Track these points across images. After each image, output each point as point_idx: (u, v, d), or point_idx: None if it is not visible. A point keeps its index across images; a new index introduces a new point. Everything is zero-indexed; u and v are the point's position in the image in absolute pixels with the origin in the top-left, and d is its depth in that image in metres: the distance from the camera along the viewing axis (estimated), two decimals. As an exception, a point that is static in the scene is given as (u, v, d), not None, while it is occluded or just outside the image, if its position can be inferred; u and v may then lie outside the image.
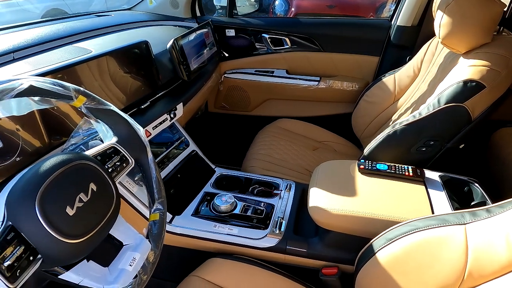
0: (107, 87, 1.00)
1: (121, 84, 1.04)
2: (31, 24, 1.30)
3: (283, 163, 1.46)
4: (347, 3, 4.65)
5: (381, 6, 4.48)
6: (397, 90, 1.48)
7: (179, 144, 1.25)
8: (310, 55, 1.77)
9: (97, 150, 0.65)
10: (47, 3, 5.26)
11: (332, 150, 1.67)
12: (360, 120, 1.62)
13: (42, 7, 5.15)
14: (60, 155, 0.57)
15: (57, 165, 0.54)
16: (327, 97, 1.82)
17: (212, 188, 1.19)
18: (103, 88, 0.98)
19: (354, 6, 4.59)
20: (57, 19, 1.42)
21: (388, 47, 1.67)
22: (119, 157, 0.68)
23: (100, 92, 0.97)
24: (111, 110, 0.68)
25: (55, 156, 0.57)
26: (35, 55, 1.03)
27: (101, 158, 0.65)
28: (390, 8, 4.28)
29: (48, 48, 1.10)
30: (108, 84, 1.00)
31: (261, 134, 1.66)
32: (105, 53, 1.01)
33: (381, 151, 1.15)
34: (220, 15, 1.88)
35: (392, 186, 0.98)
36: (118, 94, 1.03)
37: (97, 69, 0.97)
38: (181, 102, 1.26)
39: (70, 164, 0.56)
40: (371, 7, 4.55)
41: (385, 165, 1.03)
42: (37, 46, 1.08)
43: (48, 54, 1.05)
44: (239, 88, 1.89)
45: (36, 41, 1.08)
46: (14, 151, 0.72)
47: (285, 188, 1.19)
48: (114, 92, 1.02)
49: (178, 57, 1.25)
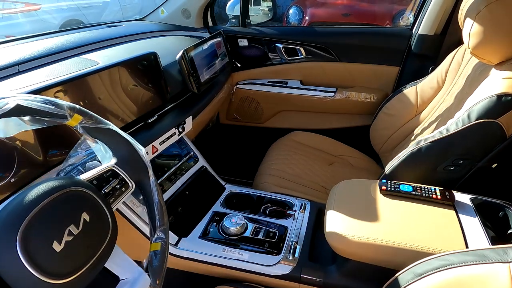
0: (113, 101, 0.95)
1: (128, 98, 0.99)
2: (39, 36, 1.28)
3: (297, 179, 1.38)
4: (363, 11, 4.57)
5: (398, 14, 4.39)
6: (419, 103, 1.39)
7: (187, 160, 1.19)
8: (326, 65, 1.70)
9: (93, 173, 0.59)
10: (66, 14, 5.37)
11: (348, 165, 1.58)
12: (378, 134, 1.53)
13: (60, 17, 5.27)
14: (50, 181, 0.51)
15: (44, 193, 0.48)
16: (344, 109, 1.74)
17: (222, 207, 1.12)
18: (108, 102, 0.93)
19: (370, 15, 4.51)
20: (67, 30, 1.40)
21: (409, 57, 1.58)
22: (118, 180, 0.62)
23: (105, 107, 0.92)
24: (110, 130, 0.62)
25: (45, 182, 0.51)
26: (41, 67, 1.00)
27: (97, 182, 0.59)
28: (407, 16, 4.19)
29: (54, 60, 1.06)
30: (114, 98, 0.95)
31: (274, 148, 1.60)
32: (111, 65, 0.96)
33: (404, 170, 1.06)
34: (233, 25, 1.84)
35: (418, 210, 0.89)
36: (124, 108, 0.98)
37: (102, 82, 0.92)
38: (190, 116, 1.21)
39: (59, 192, 0.50)
40: (388, 15, 4.46)
41: (410, 186, 0.95)
42: (44, 58, 1.04)
43: (54, 66, 1.01)
44: (252, 99, 1.83)
45: (43, 52, 1.05)
46: (9, 171, 0.67)
47: (300, 208, 1.12)
48: (120, 106, 0.97)
49: (188, 68, 1.19)
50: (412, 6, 3.80)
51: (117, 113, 0.95)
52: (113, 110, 0.94)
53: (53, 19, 5.17)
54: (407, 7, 4.50)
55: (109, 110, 0.93)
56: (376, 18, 4.47)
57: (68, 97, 0.83)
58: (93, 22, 1.64)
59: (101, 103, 0.91)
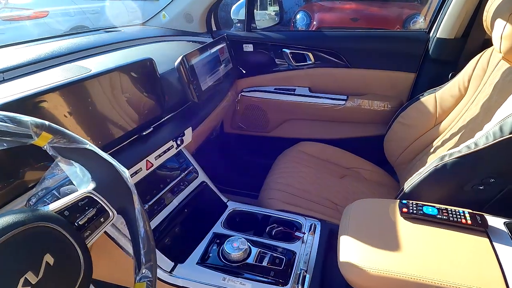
0: (103, 112, 0.86)
1: (121, 108, 0.90)
2: (31, 42, 1.21)
3: (306, 195, 1.28)
4: (372, 15, 4.47)
5: (409, 18, 4.27)
6: (438, 112, 1.28)
7: (186, 175, 1.10)
8: (336, 71, 1.60)
9: (64, 202, 0.49)
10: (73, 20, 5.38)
11: (361, 179, 1.47)
12: (394, 145, 1.42)
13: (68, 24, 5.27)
14: (7, 215, 0.42)
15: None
16: (355, 118, 1.64)
17: (223, 228, 1.02)
18: (97, 113, 0.84)
19: (380, 19, 4.40)
20: (61, 36, 1.33)
21: (426, 62, 1.47)
22: (96, 209, 0.53)
23: (94, 119, 0.83)
24: (86, 150, 0.53)
25: (0, 216, 0.42)
26: (28, 75, 0.92)
27: (70, 213, 0.50)
28: (419, 20, 4.07)
29: (43, 67, 0.98)
30: (104, 109, 0.86)
31: (280, 159, 1.50)
32: (102, 72, 0.87)
33: (426, 189, 0.95)
34: (238, 29, 1.75)
35: (445, 237, 0.77)
36: (117, 120, 0.89)
37: (92, 91, 0.84)
38: (190, 127, 1.11)
39: (16, 230, 0.41)
40: (398, 19, 4.35)
41: (434, 208, 0.83)
42: (32, 65, 0.97)
43: (41, 74, 0.94)
44: (257, 107, 1.74)
45: (32, 59, 0.98)
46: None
47: (309, 229, 1.01)
48: (111, 117, 0.88)
49: (187, 76, 1.10)
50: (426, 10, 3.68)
51: (108, 125, 0.87)
52: (103, 122, 0.85)
53: (60, 25, 5.17)
54: (418, 11, 4.38)
55: (99, 122, 0.84)
56: (386, 22, 4.35)
57: (50, 109, 0.74)
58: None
59: (90, 115, 0.82)
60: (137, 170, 0.91)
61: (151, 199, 0.95)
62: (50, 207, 0.48)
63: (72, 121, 0.77)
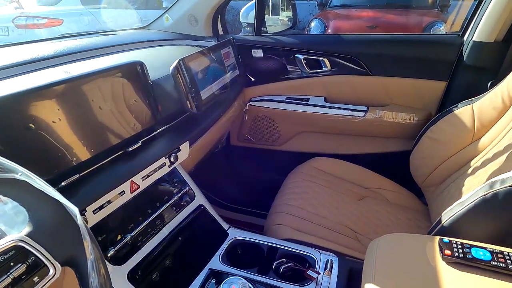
0: (79, 124, 0.72)
1: (102, 120, 0.76)
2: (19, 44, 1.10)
3: (320, 220, 1.11)
4: (390, 23, 4.29)
5: (429, 25, 4.08)
6: (476, 126, 1.10)
7: (180, 197, 0.94)
8: (355, 79, 1.44)
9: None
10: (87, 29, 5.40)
11: (383, 201, 1.29)
12: (421, 163, 1.24)
13: (81, 32, 5.28)
14: None
15: None
16: (376, 132, 1.46)
17: (222, 263, 0.86)
18: (72, 125, 0.70)
19: (398, 26, 4.21)
20: (52, 38, 1.22)
21: (459, 69, 1.29)
22: (27, 264, 0.37)
23: (67, 132, 0.69)
24: (18, 181, 0.38)
25: None
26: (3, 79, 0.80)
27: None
28: (439, 28, 3.88)
29: (24, 71, 0.86)
30: (81, 120, 0.72)
31: (292, 176, 1.34)
32: (79, 76, 0.74)
33: (471, 223, 0.77)
34: (247, 34, 1.61)
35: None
36: (96, 133, 0.75)
37: (66, 98, 0.70)
38: (187, 141, 0.97)
39: None
40: (417, 27, 4.15)
41: (486, 251, 0.66)
42: (13, 68, 0.85)
43: (18, 78, 0.81)
44: (267, 118, 1.59)
45: (14, 62, 0.86)
46: None
47: (325, 267, 0.84)
48: (89, 130, 0.73)
49: (185, 82, 0.96)
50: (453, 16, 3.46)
51: (85, 140, 0.72)
52: (79, 136, 0.71)
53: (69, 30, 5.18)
54: (438, 18, 4.18)
55: (73, 136, 0.70)
56: (405, 30, 4.16)
57: (11, 119, 0.61)
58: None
59: (62, 127, 0.68)
60: (120, 193, 0.77)
61: (135, 227, 0.80)
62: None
63: (38, 135, 0.64)
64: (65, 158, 0.68)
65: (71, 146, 0.69)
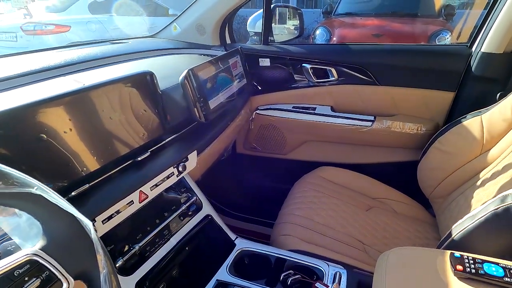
0: (90, 134, 0.72)
1: (111, 129, 0.77)
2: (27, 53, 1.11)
3: (327, 231, 1.10)
4: (395, 31, 4.29)
5: (434, 34, 4.08)
6: (486, 138, 1.09)
7: (188, 207, 0.94)
8: (362, 89, 1.43)
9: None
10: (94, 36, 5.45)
11: (391, 212, 1.28)
12: (430, 174, 1.23)
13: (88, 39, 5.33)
14: None
15: None
16: (383, 142, 1.46)
17: (229, 274, 0.85)
18: (83, 135, 0.71)
19: (403, 35, 4.21)
20: (62, 47, 1.23)
21: (467, 80, 1.29)
22: (41, 279, 0.37)
23: (78, 142, 0.69)
24: (33, 195, 0.38)
25: None
26: (18, 87, 0.81)
27: (2, 284, 0.35)
28: (445, 36, 3.88)
29: (34, 80, 0.87)
30: (91, 130, 0.73)
31: (298, 186, 1.33)
32: (91, 86, 0.74)
33: (482, 238, 0.76)
34: (254, 43, 1.62)
35: (518, 311, 0.59)
36: (106, 143, 0.75)
37: (78, 108, 0.71)
38: (195, 150, 0.97)
39: None
40: (423, 35, 4.15)
41: (499, 267, 0.65)
42: (25, 77, 0.86)
43: (29, 87, 0.83)
44: (273, 126, 1.59)
45: (26, 71, 0.87)
46: None
47: (333, 280, 0.83)
48: (99, 140, 0.74)
49: (194, 92, 0.96)
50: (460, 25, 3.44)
51: (95, 150, 0.73)
52: (89, 146, 0.71)
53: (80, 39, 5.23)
54: (444, 27, 4.18)
55: (84, 146, 0.70)
56: (411, 39, 4.16)
57: (24, 128, 0.61)
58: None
59: (73, 137, 0.68)
60: (128, 203, 0.77)
61: (143, 237, 0.80)
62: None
63: (49, 145, 0.64)
64: (75, 168, 0.68)
65: (82, 156, 0.70)
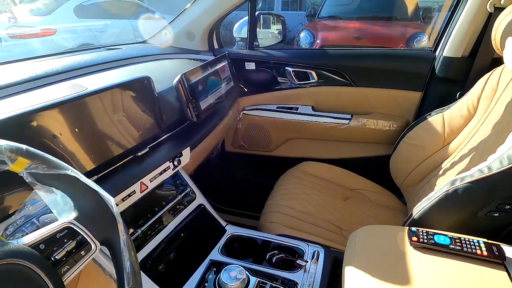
0: (97, 133, 0.82)
1: (115, 128, 0.87)
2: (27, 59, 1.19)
3: (309, 218, 1.22)
4: (375, 34, 4.48)
5: (412, 37, 4.28)
6: (447, 132, 1.23)
7: (183, 197, 1.05)
8: (340, 90, 1.57)
9: (39, 235, 0.45)
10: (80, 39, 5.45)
11: (366, 200, 1.41)
12: (400, 166, 1.37)
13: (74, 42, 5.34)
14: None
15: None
16: (360, 138, 1.59)
17: (221, 255, 0.96)
18: (91, 133, 0.81)
19: (383, 37, 4.41)
20: (61, 53, 1.31)
21: (432, 81, 1.43)
22: (76, 241, 0.48)
23: (87, 139, 0.79)
24: (68, 176, 0.49)
25: None
26: (22, 93, 0.89)
27: (45, 246, 0.45)
28: (422, 39, 4.07)
29: (38, 85, 0.95)
30: (98, 129, 0.83)
31: (283, 179, 1.45)
32: (97, 90, 0.84)
33: (436, 215, 0.89)
34: (240, 48, 1.73)
35: (458, 270, 0.71)
36: (111, 140, 0.85)
37: (86, 110, 0.80)
38: (188, 147, 1.07)
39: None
40: (401, 38, 4.35)
41: (447, 237, 0.78)
42: (27, 83, 0.94)
43: (35, 92, 0.90)
44: (259, 126, 1.70)
45: (28, 77, 0.95)
46: None
47: (312, 257, 0.95)
48: (105, 138, 0.84)
49: (186, 94, 1.07)
50: (430, 29, 3.66)
51: (102, 146, 0.83)
52: (96, 143, 0.81)
53: (66, 42, 5.23)
54: (422, 30, 4.39)
55: (92, 143, 0.80)
56: (390, 41, 4.36)
57: (39, 129, 0.71)
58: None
59: (82, 135, 0.78)
60: (131, 193, 0.87)
61: (144, 223, 0.90)
62: (23, 240, 0.44)
63: (63, 142, 0.74)
64: (85, 162, 0.78)
65: (90, 152, 0.79)
